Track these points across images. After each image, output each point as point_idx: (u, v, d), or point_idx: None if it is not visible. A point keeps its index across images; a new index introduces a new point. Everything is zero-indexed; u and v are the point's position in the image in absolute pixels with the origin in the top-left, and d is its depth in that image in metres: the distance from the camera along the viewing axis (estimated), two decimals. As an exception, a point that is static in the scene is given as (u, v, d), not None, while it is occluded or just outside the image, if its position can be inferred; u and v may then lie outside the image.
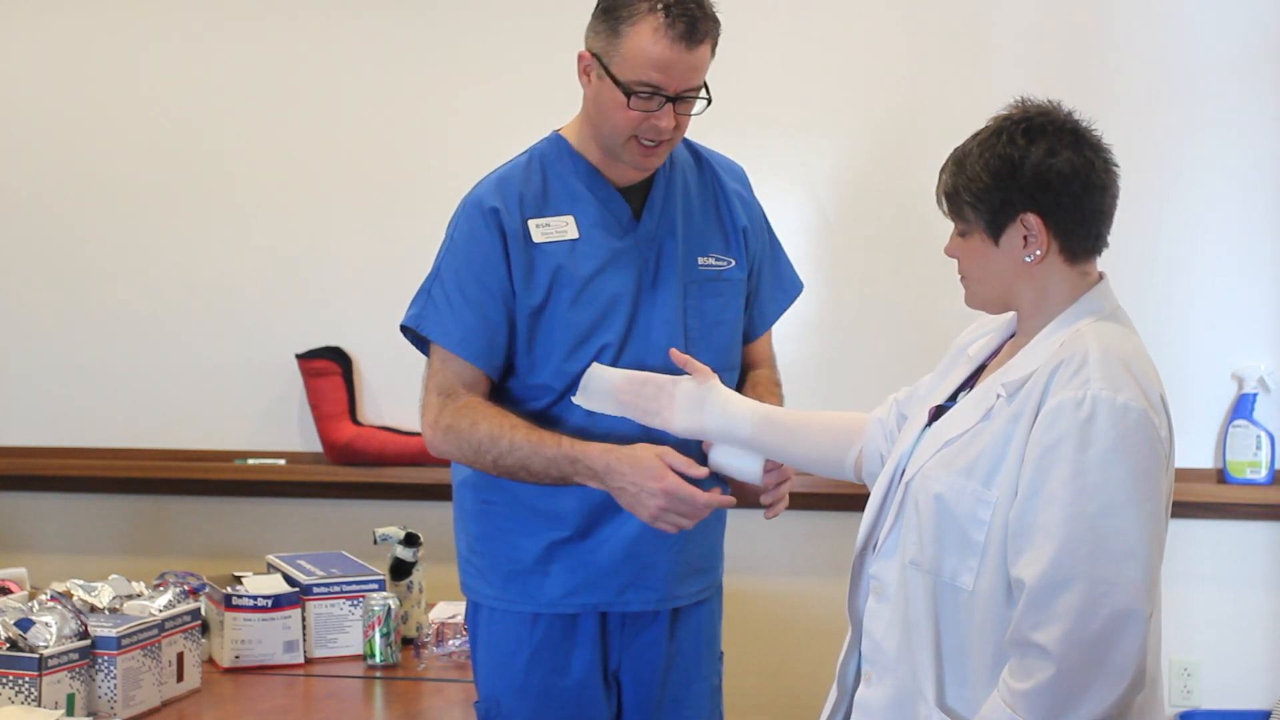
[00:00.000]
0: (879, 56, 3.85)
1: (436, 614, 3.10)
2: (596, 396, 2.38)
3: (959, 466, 1.92)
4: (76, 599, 2.59)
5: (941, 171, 2.01)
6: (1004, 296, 1.99)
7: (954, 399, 2.06)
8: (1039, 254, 1.93)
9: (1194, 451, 3.75)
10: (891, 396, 2.30)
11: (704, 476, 2.31)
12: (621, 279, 2.42)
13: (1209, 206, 3.75)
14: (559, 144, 2.47)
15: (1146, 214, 3.69)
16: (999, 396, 1.93)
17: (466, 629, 2.62)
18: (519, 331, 2.40)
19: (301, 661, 2.94)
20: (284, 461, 4.03)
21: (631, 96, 2.31)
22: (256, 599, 2.91)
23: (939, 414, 2.04)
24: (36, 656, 2.40)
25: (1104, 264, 2.01)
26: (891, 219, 3.82)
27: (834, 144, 3.87)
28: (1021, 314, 2.00)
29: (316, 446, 4.02)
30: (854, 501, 2.40)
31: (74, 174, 4.15)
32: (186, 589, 2.91)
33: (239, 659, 2.89)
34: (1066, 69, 3.74)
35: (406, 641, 3.04)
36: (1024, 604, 1.82)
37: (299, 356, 4.00)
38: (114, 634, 2.50)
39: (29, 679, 2.39)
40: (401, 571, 3.13)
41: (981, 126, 1.99)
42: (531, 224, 2.40)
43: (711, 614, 2.59)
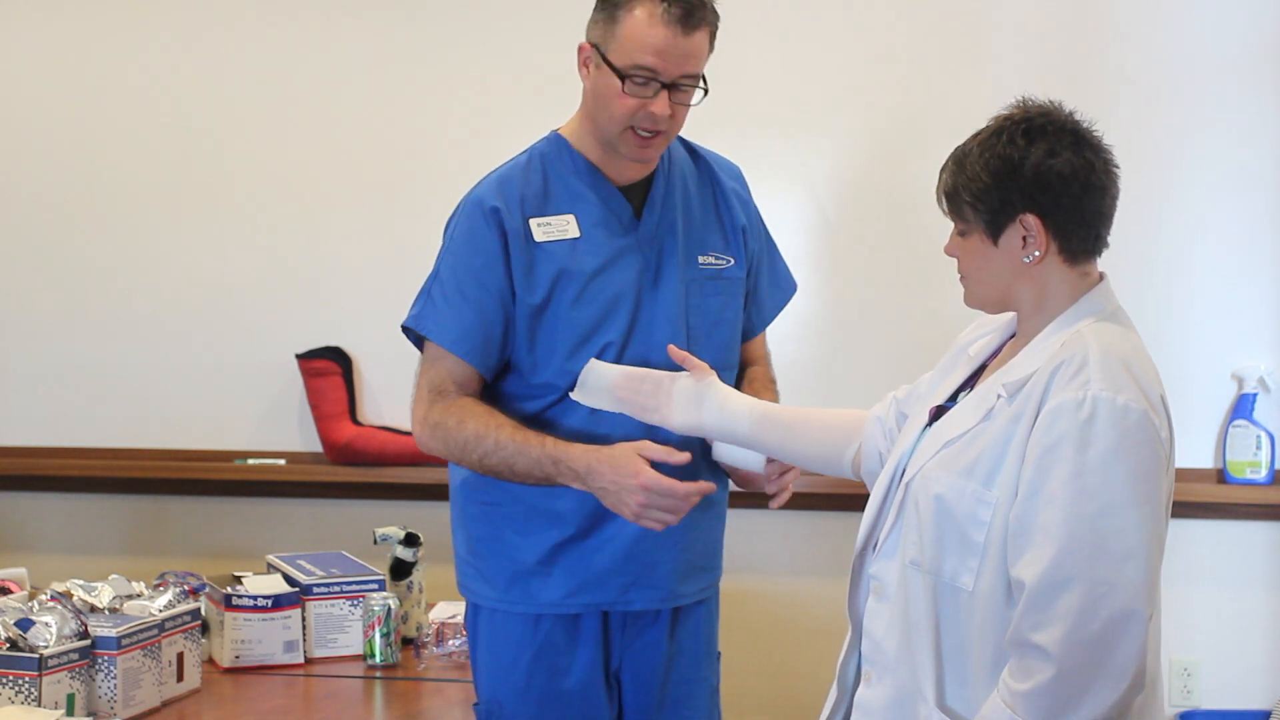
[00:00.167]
0: (879, 56, 3.85)
1: (436, 614, 3.09)
2: (594, 392, 2.38)
3: (959, 467, 1.92)
4: (76, 599, 2.58)
5: (941, 171, 2.01)
6: (1003, 297, 1.99)
7: (954, 399, 2.06)
8: (1038, 254, 1.93)
9: (1194, 451, 3.75)
10: (891, 394, 2.29)
11: (685, 462, 2.30)
12: (623, 277, 2.42)
13: (1209, 206, 3.75)
14: (558, 143, 2.47)
15: (1146, 214, 3.69)
16: (999, 397, 1.92)
17: (466, 630, 2.62)
18: (519, 331, 2.40)
19: (301, 661, 2.94)
20: (284, 461, 4.03)
21: (626, 81, 2.31)
22: (256, 599, 2.90)
23: (939, 414, 2.04)
24: (36, 656, 2.39)
25: (1104, 264, 2.01)
26: (891, 219, 3.82)
27: (834, 144, 3.87)
28: (1021, 314, 2.00)
29: (316, 446, 4.02)
30: (854, 501, 2.39)
31: (74, 174, 4.15)
32: (186, 589, 2.90)
33: (239, 659, 2.89)
34: (1067, 69, 3.74)
35: (406, 641, 3.04)
36: (1024, 604, 1.82)
37: (299, 356, 4.00)
38: (114, 634, 2.50)
39: (29, 679, 2.39)
40: (401, 571, 3.13)
41: (982, 126, 1.99)
42: (533, 223, 2.40)
43: (710, 614, 2.58)
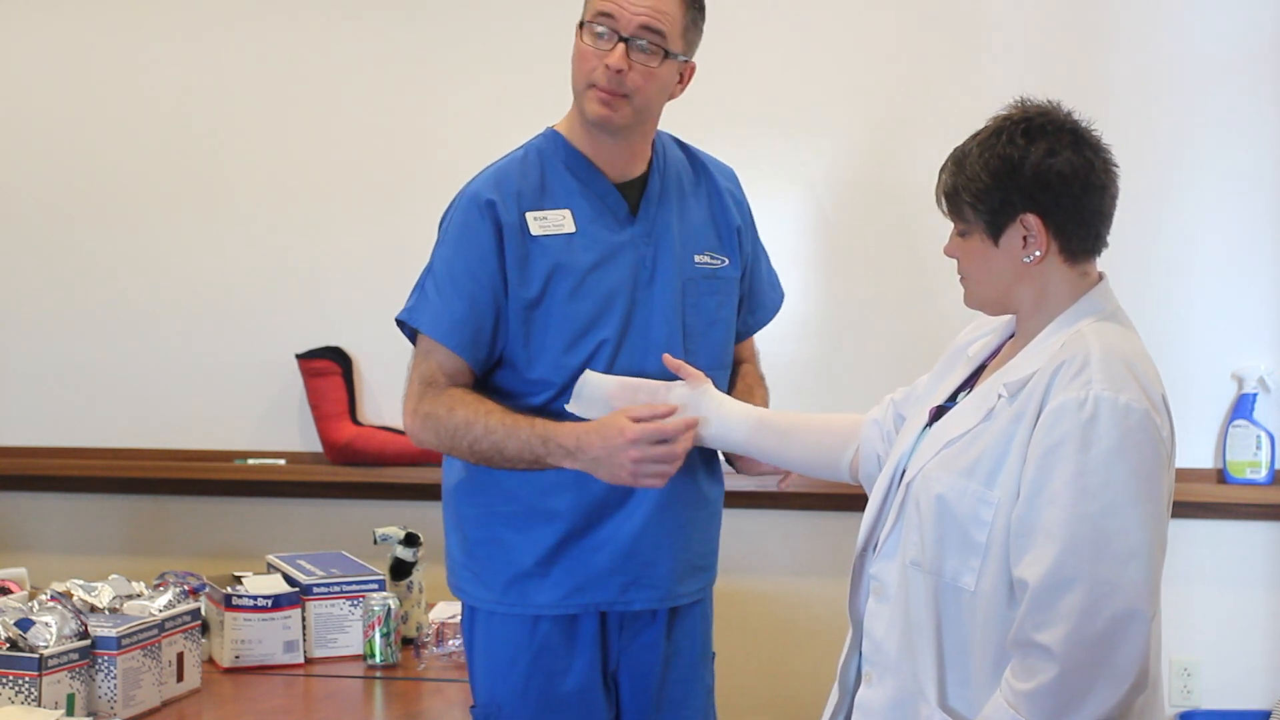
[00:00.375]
0: (878, 57, 3.85)
1: (436, 614, 3.09)
2: (590, 403, 2.37)
3: (960, 467, 1.92)
4: (76, 599, 2.58)
5: (941, 171, 2.01)
6: (1003, 297, 1.99)
7: (954, 399, 2.06)
8: (1038, 254, 1.93)
9: (1194, 451, 3.75)
10: (888, 397, 2.29)
11: (671, 415, 2.31)
12: (619, 273, 2.42)
13: (1209, 206, 3.75)
14: (554, 139, 2.47)
15: (1146, 214, 3.68)
16: (1000, 397, 1.92)
17: (462, 632, 2.62)
18: (514, 325, 2.39)
19: (301, 661, 2.94)
20: (284, 461, 4.02)
21: (584, 29, 2.32)
22: (256, 599, 2.91)
23: (939, 414, 2.04)
24: (36, 656, 2.39)
25: (1104, 264, 2.01)
26: (891, 219, 3.81)
27: (834, 144, 3.86)
28: (1021, 314, 2.00)
29: (316, 446, 4.02)
30: (854, 501, 2.39)
31: (74, 174, 4.15)
32: (186, 589, 2.90)
33: (239, 659, 2.89)
34: (1066, 69, 3.74)
35: (406, 641, 3.04)
36: (1026, 604, 1.82)
37: (299, 356, 4.00)
38: (114, 634, 2.50)
39: (29, 679, 2.38)
40: (401, 571, 3.13)
41: (981, 126, 1.99)
42: (529, 216, 2.40)
43: (706, 614, 2.58)
